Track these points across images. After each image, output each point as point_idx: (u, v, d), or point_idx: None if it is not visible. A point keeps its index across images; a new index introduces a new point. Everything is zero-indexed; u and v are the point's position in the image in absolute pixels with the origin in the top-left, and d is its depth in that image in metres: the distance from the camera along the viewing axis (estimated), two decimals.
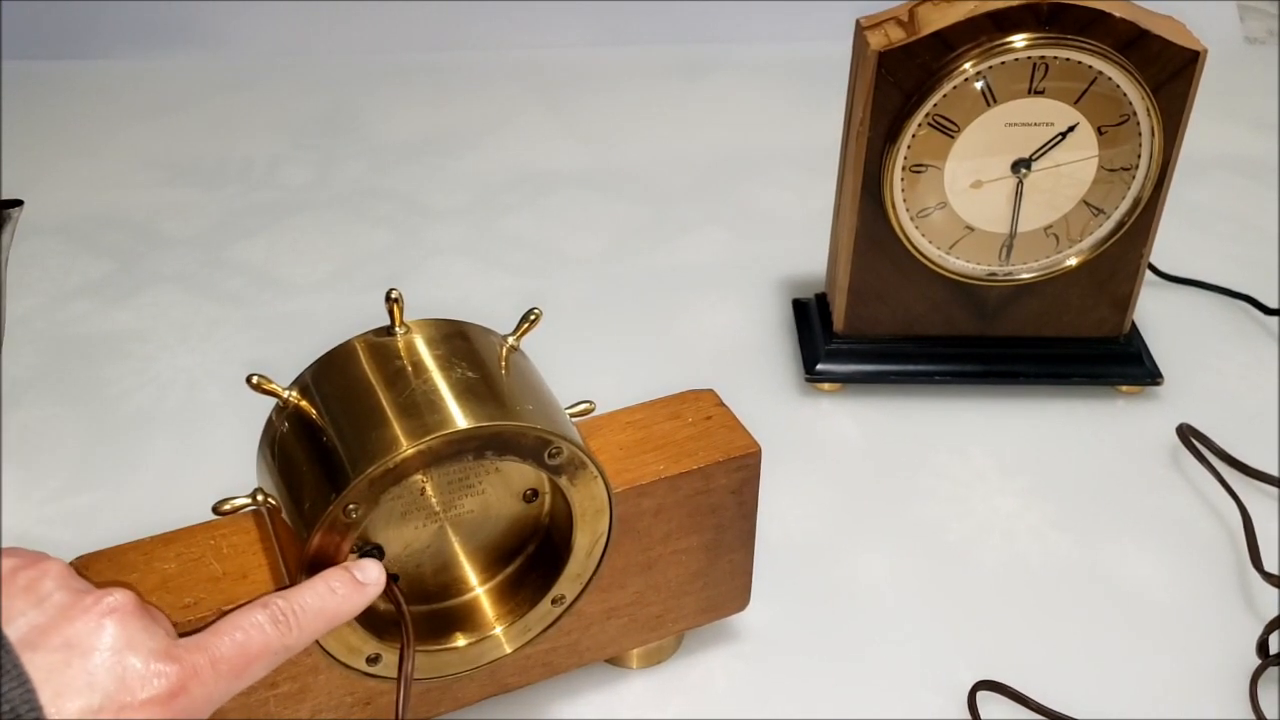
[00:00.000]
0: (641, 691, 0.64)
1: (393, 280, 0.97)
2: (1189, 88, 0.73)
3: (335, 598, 0.46)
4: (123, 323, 0.92)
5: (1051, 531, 0.74)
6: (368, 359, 0.50)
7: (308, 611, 0.44)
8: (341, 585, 0.46)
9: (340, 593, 0.46)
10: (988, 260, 0.80)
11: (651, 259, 1.02)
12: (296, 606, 0.44)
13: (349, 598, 0.46)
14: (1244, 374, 0.88)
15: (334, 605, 0.45)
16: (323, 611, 0.45)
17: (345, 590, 0.46)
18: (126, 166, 1.16)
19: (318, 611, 0.45)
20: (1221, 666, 0.65)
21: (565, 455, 0.50)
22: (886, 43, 0.72)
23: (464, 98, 1.30)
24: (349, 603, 0.46)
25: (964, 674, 0.64)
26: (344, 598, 0.46)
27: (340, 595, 0.46)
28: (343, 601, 0.46)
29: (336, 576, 0.46)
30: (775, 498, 0.75)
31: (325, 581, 0.46)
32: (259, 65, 1.36)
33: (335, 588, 0.46)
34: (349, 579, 0.46)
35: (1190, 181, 1.10)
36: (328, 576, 0.46)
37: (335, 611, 0.45)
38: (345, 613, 0.46)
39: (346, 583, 0.46)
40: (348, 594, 0.46)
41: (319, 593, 0.45)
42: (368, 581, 0.47)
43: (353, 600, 0.46)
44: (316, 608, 0.45)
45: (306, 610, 0.44)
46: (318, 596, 0.45)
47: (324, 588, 0.46)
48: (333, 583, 0.46)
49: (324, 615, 0.45)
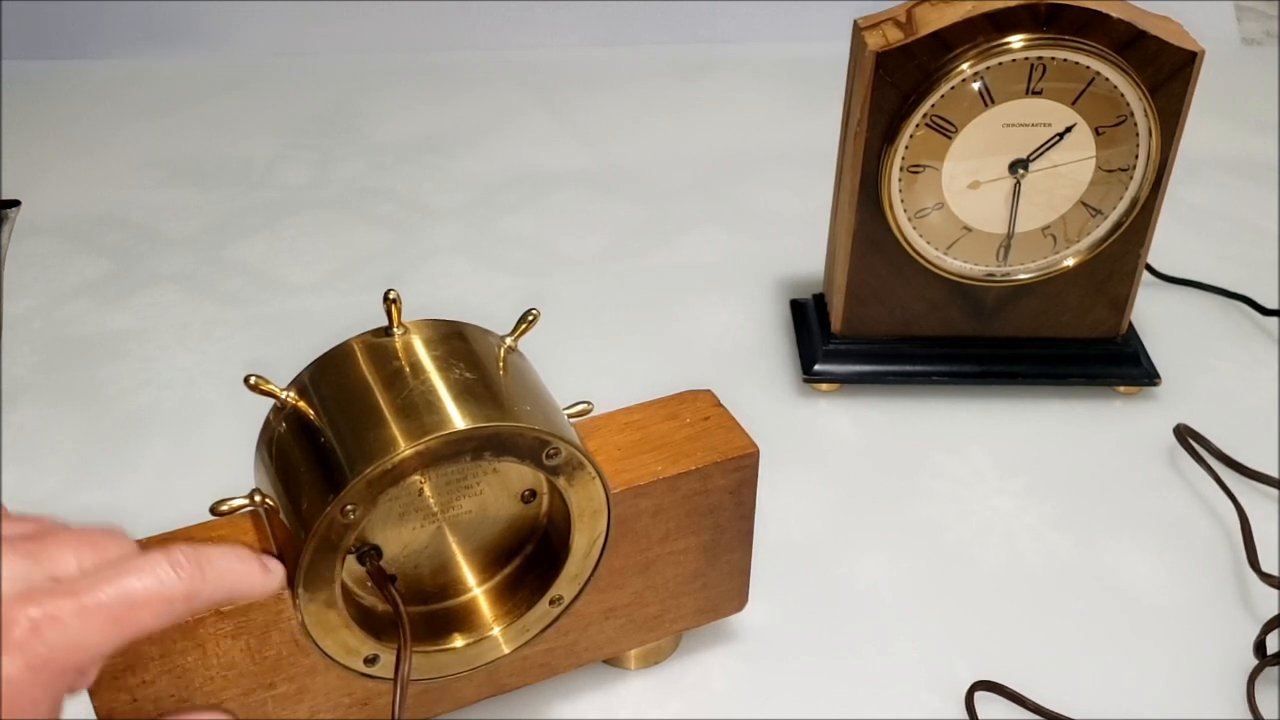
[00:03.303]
0: (640, 692, 0.64)
1: (391, 280, 0.97)
2: (1186, 88, 0.73)
3: (242, 566, 0.43)
4: (121, 323, 0.92)
5: (1049, 532, 0.74)
6: (366, 360, 0.50)
7: (214, 566, 0.41)
8: (250, 559, 0.44)
9: (248, 564, 0.44)
10: (985, 261, 0.80)
11: (650, 259, 1.02)
12: (202, 558, 0.41)
13: (253, 573, 0.44)
14: (1241, 374, 0.88)
15: (239, 572, 0.43)
16: (228, 573, 0.42)
17: (253, 565, 0.44)
18: (125, 166, 1.16)
19: (224, 570, 0.42)
20: (1219, 667, 0.65)
21: (563, 456, 0.50)
22: (884, 43, 0.72)
23: (463, 97, 1.30)
24: (252, 578, 0.44)
25: (962, 674, 0.64)
26: (249, 571, 0.44)
27: (247, 567, 0.44)
28: (248, 574, 0.44)
29: (245, 552, 0.45)
30: (773, 498, 0.75)
31: (234, 549, 0.44)
32: (258, 65, 1.36)
33: (244, 557, 0.44)
34: (256, 558, 0.45)
35: (1188, 182, 1.10)
36: (237, 548, 0.44)
37: (238, 579, 0.43)
38: (247, 585, 0.44)
39: (252, 559, 0.44)
40: (253, 569, 0.44)
41: (226, 554, 0.43)
42: (271, 569, 0.46)
43: (255, 578, 0.44)
44: (223, 566, 0.42)
45: (212, 565, 0.41)
46: (224, 557, 0.42)
47: (232, 553, 0.43)
48: (241, 552, 0.44)
49: (228, 578, 0.42)
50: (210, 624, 0.49)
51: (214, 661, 0.50)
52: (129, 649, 0.47)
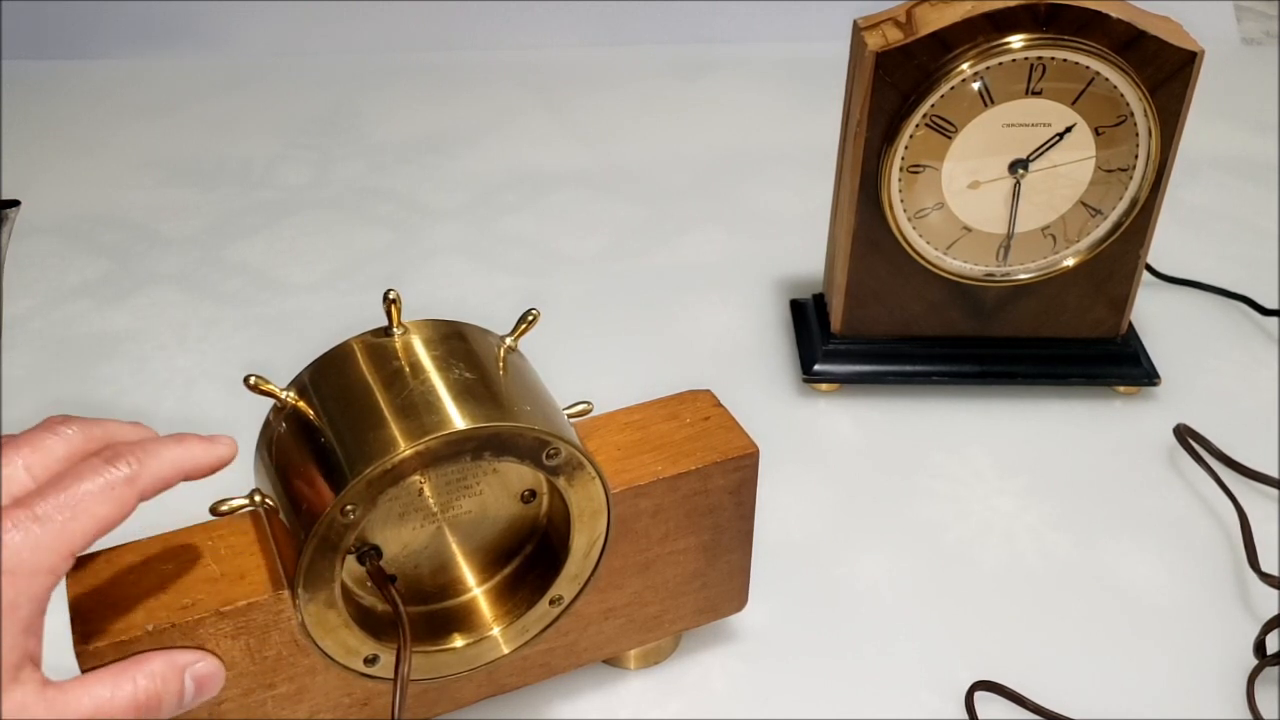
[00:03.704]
0: (639, 692, 0.64)
1: (391, 280, 0.97)
2: (1186, 88, 0.73)
3: (182, 447, 0.45)
4: (120, 323, 0.92)
5: (1049, 532, 0.74)
6: (365, 360, 0.50)
7: (154, 452, 0.44)
8: (194, 440, 0.46)
9: (190, 444, 0.45)
10: (985, 261, 0.80)
11: (649, 259, 1.02)
12: (140, 448, 0.44)
13: (195, 450, 0.45)
14: (1241, 374, 0.88)
15: (181, 451, 0.45)
16: (169, 452, 0.44)
17: (195, 443, 0.45)
18: (124, 166, 1.16)
19: (164, 452, 0.44)
20: (1219, 667, 0.65)
21: (563, 456, 0.50)
22: (884, 43, 0.72)
23: (462, 97, 1.30)
24: (196, 453, 0.45)
25: (962, 674, 0.64)
26: (192, 447, 0.45)
27: (189, 446, 0.45)
28: (191, 451, 0.45)
29: (190, 435, 0.46)
30: (773, 498, 0.75)
31: (178, 436, 0.46)
32: (257, 65, 1.36)
33: (186, 439, 0.45)
34: (202, 438, 0.46)
35: (1187, 182, 1.10)
36: (182, 435, 0.46)
37: (181, 457, 0.45)
38: (192, 461, 0.45)
39: (196, 439, 0.46)
40: (195, 446, 0.45)
41: (167, 440, 0.45)
42: (218, 441, 0.46)
43: (198, 451, 0.45)
44: (164, 450, 0.44)
45: (153, 451, 0.44)
46: (165, 442, 0.45)
47: (173, 438, 0.45)
48: (185, 436, 0.46)
49: (168, 456, 0.44)
50: (210, 624, 0.49)
51: None
52: (127, 649, 0.47)
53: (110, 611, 0.48)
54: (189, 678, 0.46)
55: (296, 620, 0.49)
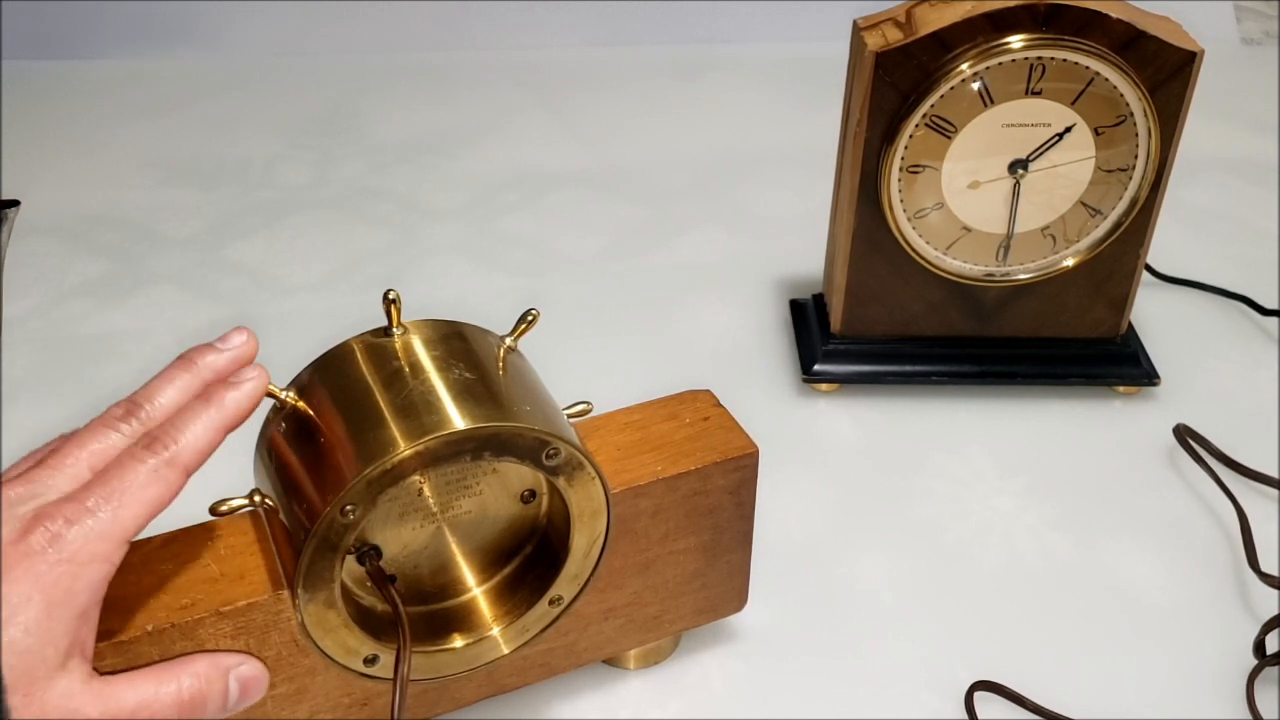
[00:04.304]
0: (639, 692, 0.64)
1: (390, 280, 0.97)
2: (1186, 88, 0.73)
3: (212, 405, 0.46)
4: (119, 323, 0.92)
5: (1049, 532, 0.74)
6: (365, 360, 0.50)
7: (185, 430, 0.45)
8: (221, 392, 0.47)
9: (219, 398, 0.46)
10: (985, 261, 0.80)
11: (649, 259, 1.02)
12: (174, 429, 0.45)
13: (224, 397, 0.46)
14: (1241, 374, 0.88)
15: (213, 412, 0.46)
16: (199, 423, 0.46)
17: (226, 392, 0.47)
18: (123, 166, 1.16)
19: (194, 427, 0.45)
20: (1218, 667, 0.65)
21: (563, 456, 0.50)
22: (884, 43, 0.72)
23: (462, 97, 1.30)
24: (228, 399, 0.46)
25: (961, 674, 0.64)
26: (220, 398, 0.46)
27: (220, 401, 0.46)
28: (222, 403, 0.46)
29: (216, 390, 0.47)
30: (773, 498, 0.75)
31: (204, 395, 0.47)
32: (256, 65, 1.36)
33: (212, 394, 0.47)
34: (226, 385, 0.47)
35: (1187, 182, 1.10)
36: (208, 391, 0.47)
37: (215, 417, 0.46)
38: (223, 415, 0.46)
39: (223, 387, 0.47)
40: (227, 395, 0.46)
41: (196, 406, 0.46)
42: (244, 379, 0.47)
43: (229, 399, 0.46)
44: (193, 418, 0.46)
45: (183, 429, 0.45)
46: (195, 411, 0.46)
47: (201, 399, 0.46)
48: (211, 392, 0.47)
49: (203, 425, 0.46)
50: (210, 624, 0.48)
51: None
52: (127, 649, 0.47)
53: (110, 612, 0.48)
54: (234, 679, 0.47)
55: (296, 620, 0.49)
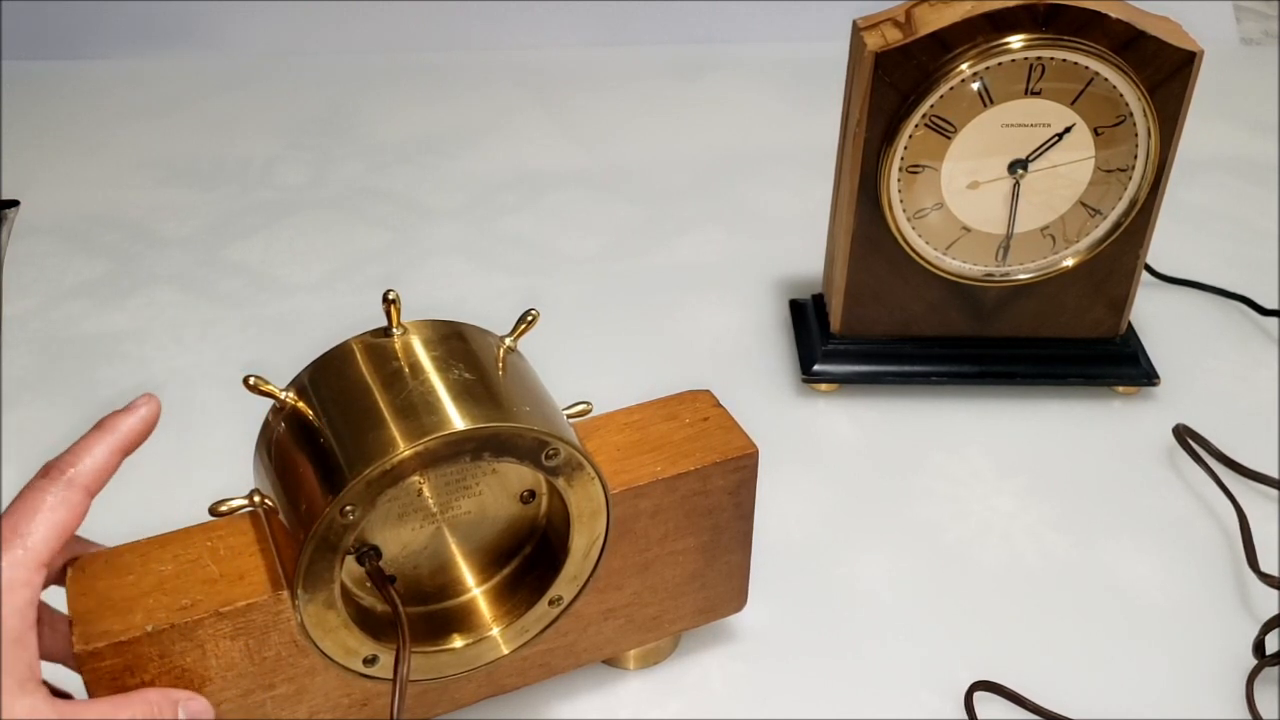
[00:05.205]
0: (638, 692, 0.64)
1: (390, 280, 0.97)
2: (1185, 88, 0.73)
3: (105, 429, 0.48)
4: (119, 323, 0.92)
5: (1048, 532, 0.74)
6: (365, 360, 0.50)
7: (81, 452, 0.48)
8: (117, 418, 0.49)
9: (114, 422, 0.49)
10: (984, 261, 0.80)
11: (648, 259, 1.02)
12: (70, 454, 0.48)
13: (119, 421, 0.49)
14: (1240, 374, 0.88)
15: (106, 435, 0.48)
16: (95, 444, 0.48)
17: (120, 418, 0.49)
18: (123, 166, 1.16)
19: (90, 445, 0.48)
20: (1218, 667, 0.65)
21: (562, 456, 0.50)
22: (883, 43, 0.72)
23: (461, 98, 1.30)
24: (121, 424, 0.49)
25: (961, 674, 0.64)
26: (115, 422, 0.49)
27: (114, 424, 0.49)
28: (116, 427, 0.49)
29: (110, 417, 0.49)
30: (772, 498, 0.75)
31: (99, 423, 0.49)
32: (256, 65, 1.36)
33: (106, 420, 0.49)
34: (121, 412, 0.49)
35: (1186, 182, 1.10)
36: (103, 420, 0.49)
37: (110, 440, 0.48)
38: (120, 436, 0.48)
39: (117, 414, 0.49)
40: (120, 420, 0.49)
41: (92, 432, 0.49)
42: (137, 405, 0.49)
43: (122, 423, 0.49)
44: (89, 441, 0.48)
45: (79, 451, 0.48)
46: (90, 436, 0.48)
47: (97, 426, 0.49)
48: (105, 420, 0.49)
49: (99, 446, 0.48)
50: (209, 625, 0.48)
51: (213, 662, 0.50)
52: (127, 650, 0.47)
53: (110, 612, 0.48)
54: (182, 710, 0.48)
55: (296, 621, 0.49)
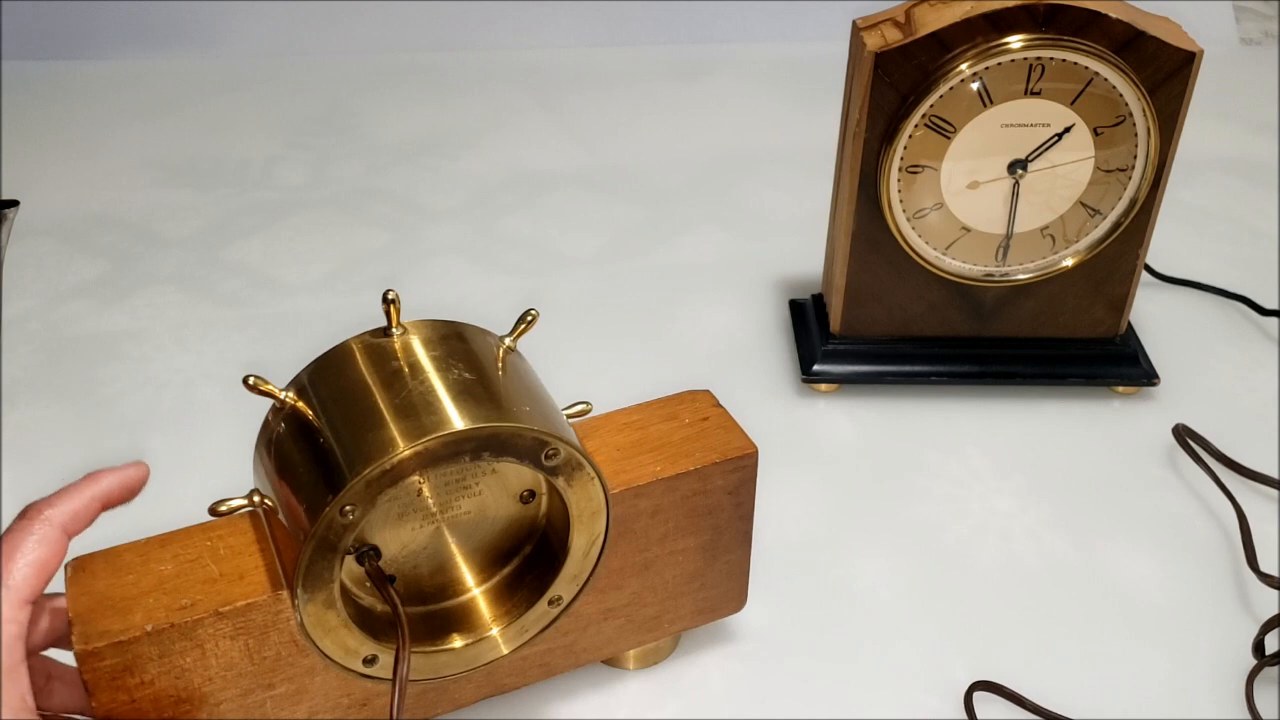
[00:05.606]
0: (638, 692, 0.64)
1: (389, 281, 0.97)
2: (1185, 89, 0.73)
3: (91, 479, 0.50)
4: (119, 323, 0.92)
5: (1048, 532, 0.74)
6: (364, 360, 0.50)
7: (64, 496, 0.49)
8: (105, 473, 0.50)
9: (101, 476, 0.50)
10: (984, 261, 0.80)
11: (648, 259, 1.02)
12: (53, 497, 0.49)
13: (105, 476, 0.50)
14: (1240, 374, 0.88)
15: (91, 484, 0.49)
16: (79, 491, 0.49)
17: (107, 474, 0.50)
18: (122, 167, 1.16)
19: (73, 491, 0.49)
20: (1218, 667, 0.65)
21: (562, 456, 0.50)
22: (883, 43, 0.72)
23: (461, 98, 1.30)
24: (107, 479, 0.50)
25: (961, 674, 0.64)
26: (102, 476, 0.50)
27: (100, 477, 0.50)
28: (101, 480, 0.50)
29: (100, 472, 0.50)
30: (772, 498, 0.75)
31: (89, 475, 0.50)
32: (255, 65, 1.36)
33: (96, 474, 0.50)
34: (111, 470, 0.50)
35: (1186, 182, 1.10)
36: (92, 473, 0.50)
37: (93, 488, 0.49)
38: (103, 488, 0.50)
39: (107, 471, 0.50)
40: (107, 475, 0.50)
41: (79, 480, 0.50)
42: (127, 467, 0.51)
43: (108, 479, 0.50)
44: (73, 488, 0.49)
45: (62, 495, 0.49)
46: (77, 483, 0.50)
47: (86, 477, 0.50)
48: (95, 474, 0.50)
49: (82, 492, 0.49)
50: (209, 624, 0.48)
51: (213, 662, 0.50)
52: (127, 650, 0.47)
53: (110, 612, 0.48)
54: None
55: (295, 621, 0.49)
